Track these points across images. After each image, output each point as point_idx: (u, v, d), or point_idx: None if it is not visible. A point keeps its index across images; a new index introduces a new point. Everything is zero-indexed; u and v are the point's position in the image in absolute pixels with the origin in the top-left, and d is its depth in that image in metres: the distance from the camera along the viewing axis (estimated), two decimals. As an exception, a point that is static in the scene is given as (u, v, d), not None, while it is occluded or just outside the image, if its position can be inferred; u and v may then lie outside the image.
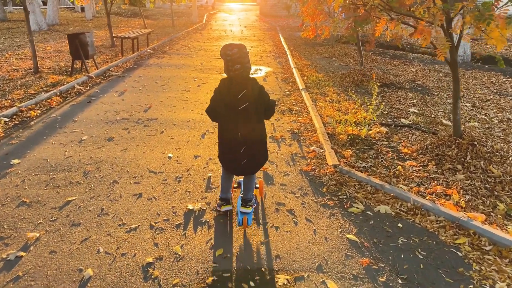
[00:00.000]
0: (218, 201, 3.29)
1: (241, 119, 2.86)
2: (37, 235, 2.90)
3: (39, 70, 8.34)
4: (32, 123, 5.37)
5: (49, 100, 6.33)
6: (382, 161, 4.33)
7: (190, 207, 3.33)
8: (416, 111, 6.23)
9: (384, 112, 5.98)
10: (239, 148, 2.89)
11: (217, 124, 3.06)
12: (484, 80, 8.66)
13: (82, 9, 22.27)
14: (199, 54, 11.41)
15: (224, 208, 3.20)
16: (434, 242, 2.94)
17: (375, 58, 11.10)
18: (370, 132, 5.07)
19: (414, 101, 6.84)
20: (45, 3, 18.93)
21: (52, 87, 7.02)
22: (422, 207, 3.37)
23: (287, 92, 7.31)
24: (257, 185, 3.53)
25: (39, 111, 5.85)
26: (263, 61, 10.40)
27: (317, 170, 4.05)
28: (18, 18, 18.90)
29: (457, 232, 3.04)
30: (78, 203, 3.36)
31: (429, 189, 3.72)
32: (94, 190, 3.59)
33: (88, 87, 7.38)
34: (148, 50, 11.46)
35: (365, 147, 4.69)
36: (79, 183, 3.72)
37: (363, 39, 10.96)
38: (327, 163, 4.20)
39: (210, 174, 3.95)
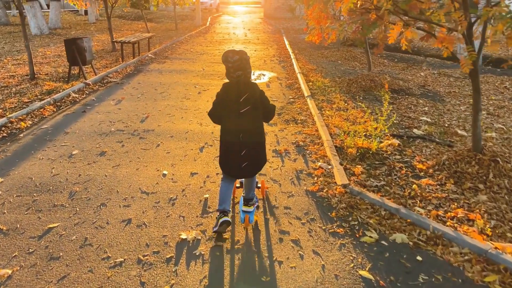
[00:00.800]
0: (215, 221, 3.01)
1: (242, 122, 2.93)
2: (9, 272, 2.57)
3: (35, 76, 8.07)
4: (22, 135, 5.08)
5: (42, 110, 6.04)
6: (395, 179, 3.97)
7: (184, 236, 2.99)
8: (429, 119, 5.86)
9: (395, 121, 5.61)
10: (241, 151, 2.93)
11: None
12: (497, 85, 8.25)
13: (86, 12, 22.10)
14: (201, 58, 11.11)
15: (221, 220, 2.87)
16: (460, 280, 2.58)
17: (383, 61, 10.73)
18: (382, 144, 4.70)
19: (426, 108, 6.46)
20: (49, 7, 18.77)
21: (47, 95, 6.74)
22: (444, 236, 3.00)
23: (291, 100, 6.96)
24: (259, 185, 3.61)
25: (30, 122, 5.56)
26: (267, 66, 10.07)
27: (324, 191, 3.69)
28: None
29: (485, 268, 2.67)
30: (60, 231, 3.03)
31: (449, 213, 3.35)
32: (79, 215, 3.26)
33: (84, 95, 7.10)
34: (149, 55, 11.18)
35: (377, 162, 4.33)
36: (64, 206, 3.39)
37: (370, 42, 10.60)
38: (335, 182, 3.84)
39: (207, 196, 3.61)
